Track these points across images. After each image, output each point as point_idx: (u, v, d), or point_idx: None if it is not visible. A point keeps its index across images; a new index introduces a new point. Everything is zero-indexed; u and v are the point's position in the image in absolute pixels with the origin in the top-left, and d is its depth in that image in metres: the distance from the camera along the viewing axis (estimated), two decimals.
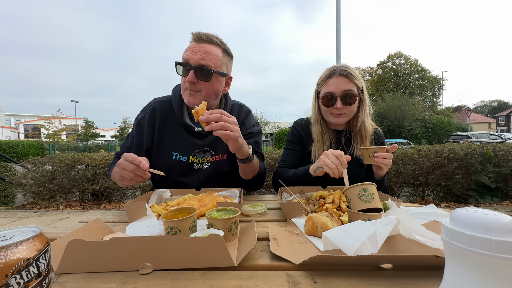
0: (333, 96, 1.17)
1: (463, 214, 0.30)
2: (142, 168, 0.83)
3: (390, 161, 1.01)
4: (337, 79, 1.17)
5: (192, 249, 0.49)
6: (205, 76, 1.06)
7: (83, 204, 4.17)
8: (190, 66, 1.04)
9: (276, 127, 25.49)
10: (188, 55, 1.04)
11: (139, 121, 1.21)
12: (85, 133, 28.41)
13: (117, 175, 0.91)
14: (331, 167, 0.89)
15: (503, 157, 3.71)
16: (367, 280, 0.45)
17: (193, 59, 1.04)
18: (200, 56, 1.04)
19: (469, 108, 44.29)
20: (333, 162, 0.90)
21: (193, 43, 1.07)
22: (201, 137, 1.19)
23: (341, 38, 6.54)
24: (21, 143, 14.40)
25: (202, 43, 1.06)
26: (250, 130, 1.29)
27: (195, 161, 1.20)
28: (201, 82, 1.07)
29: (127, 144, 1.22)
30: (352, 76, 1.16)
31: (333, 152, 0.92)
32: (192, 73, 1.04)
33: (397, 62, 35.69)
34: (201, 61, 1.04)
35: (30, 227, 0.39)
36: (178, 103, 1.18)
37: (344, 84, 1.16)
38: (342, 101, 1.16)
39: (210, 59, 1.05)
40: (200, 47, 1.05)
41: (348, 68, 1.19)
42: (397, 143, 1.13)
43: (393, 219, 0.52)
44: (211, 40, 1.07)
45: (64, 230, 0.74)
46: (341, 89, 1.16)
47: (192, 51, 1.04)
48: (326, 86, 1.20)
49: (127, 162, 0.85)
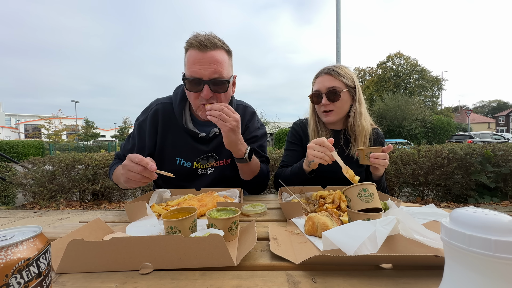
0: (319, 93, 1.23)
1: (463, 214, 0.30)
2: (150, 170, 0.81)
3: (386, 161, 1.02)
4: (323, 77, 1.24)
5: (192, 249, 0.49)
6: (221, 88, 1.03)
7: (84, 204, 4.17)
8: (203, 81, 0.98)
9: (276, 127, 25.50)
10: (198, 71, 0.97)
11: (140, 123, 1.17)
12: (86, 133, 28.40)
13: (122, 177, 0.89)
14: (319, 156, 0.93)
15: (503, 157, 3.71)
16: (367, 280, 0.45)
17: (205, 74, 0.97)
18: (212, 70, 0.98)
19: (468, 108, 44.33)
20: (319, 151, 0.93)
21: (198, 54, 0.97)
22: (205, 142, 1.17)
23: (341, 38, 6.54)
24: (22, 143, 14.40)
25: (207, 51, 0.97)
26: (255, 134, 1.28)
27: (199, 167, 1.18)
28: (216, 95, 1.03)
29: (128, 147, 1.20)
30: (337, 74, 1.21)
31: (315, 141, 0.95)
32: (207, 88, 0.99)
33: (396, 62, 35.68)
34: (214, 75, 0.98)
35: (30, 227, 0.39)
36: (179, 108, 1.14)
37: (328, 81, 1.22)
38: (327, 97, 1.21)
39: (221, 68, 1.00)
40: (208, 58, 0.97)
41: (336, 67, 1.24)
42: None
43: (392, 219, 0.52)
44: (215, 44, 0.99)
45: (65, 230, 0.74)
46: (325, 86, 1.22)
47: (202, 64, 0.97)
48: (315, 85, 1.28)
49: (134, 164, 0.82)
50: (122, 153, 1.21)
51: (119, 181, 1.04)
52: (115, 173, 1.09)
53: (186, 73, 1.02)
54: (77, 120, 38.60)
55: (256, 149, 1.26)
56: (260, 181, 1.23)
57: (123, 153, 1.19)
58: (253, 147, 1.26)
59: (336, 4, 6.53)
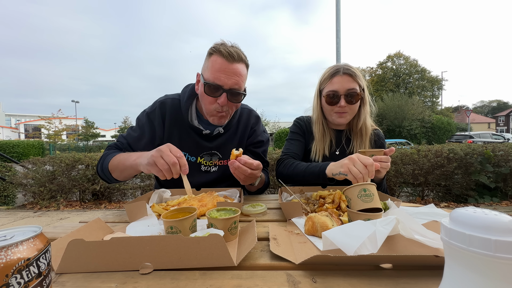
0: (336, 94, 1.17)
1: (463, 214, 0.30)
2: (183, 171, 0.81)
3: (388, 164, 0.96)
4: (341, 77, 1.17)
5: (192, 249, 0.49)
6: (236, 99, 1.09)
7: (84, 204, 4.17)
8: (223, 89, 1.03)
9: (276, 127, 25.51)
10: (222, 79, 1.02)
11: (148, 114, 1.18)
12: (86, 133, 28.40)
13: (143, 159, 0.86)
14: (357, 176, 0.80)
15: (503, 157, 3.71)
16: (367, 280, 0.45)
17: (227, 84, 1.03)
18: (234, 81, 1.03)
19: (468, 108, 44.30)
20: (361, 171, 0.80)
21: (225, 63, 1.02)
22: (209, 139, 1.20)
23: (341, 38, 6.54)
24: (22, 143, 14.39)
25: (234, 63, 1.03)
26: (261, 138, 1.31)
27: (203, 162, 1.21)
28: (230, 104, 1.08)
29: (134, 135, 1.16)
30: (355, 75, 1.17)
31: (362, 160, 0.81)
32: (225, 96, 1.04)
33: (396, 62, 35.68)
34: (235, 86, 1.04)
35: (30, 227, 0.39)
36: (186, 105, 1.17)
37: (348, 82, 1.16)
38: (346, 99, 1.16)
39: (242, 81, 1.06)
40: (233, 70, 1.02)
41: (352, 67, 1.20)
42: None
43: (392, 219, 0.52)
44: (241, 58, 1.05)
45: (65, 230, 0.74)
46: (345, 87, 1.16)
47: (226, 74, 1.02)
48: (330, 85, 1.20)
49: (171, 154, 0.79)
50: (127, 141, 1.15)
51: (117, 168, 1.01)
52: (116, 158, 1.03)
53: (208, 78, 1.04)
54: (77, 120, 38.60)
55: (261, 154, 1.30)
56: (261, 190, 1.27)
57: (128, 141, 1.15)
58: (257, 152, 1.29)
59: (336, 4, 6.53)
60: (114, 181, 1.10)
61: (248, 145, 1.30)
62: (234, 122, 1.25)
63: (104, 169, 1.07)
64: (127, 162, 0.97)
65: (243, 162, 0.91)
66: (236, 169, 0.92)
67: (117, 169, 1.03)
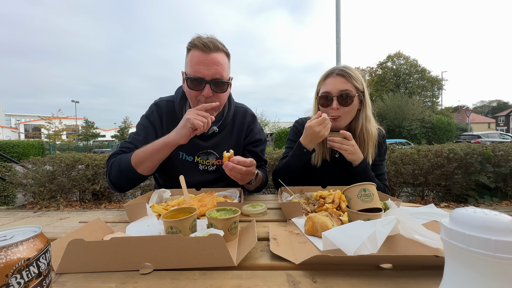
0: (329, 96, 1.15)
1: (463, 214, 0.30)
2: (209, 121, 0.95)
3: (348, 147, 1.08)
4: (334, 78, 1.15)
5: (192, 249, 0.49)
6: (221, 89, 1.08)
7: (84, 204, 4.17)
8: (205, 80, 1.04)
9: (276, 127, 25.50)
10: (201, 71, 1.02)
11: (148, 116, 1.21)
12: (86, 133, 28.39)
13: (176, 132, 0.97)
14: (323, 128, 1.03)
15: (503, 157, 3.71)
16: (367, 280, 0.45)
17: (208, 74, 1.03)
18: (214, 71, 1.03)
19: (468, 108, 44.28)
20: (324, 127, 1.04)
21: (201, 55, 1.03)
22: (204, 139, 1.21)
23: (341, 38, 6.54)
24: (22, 143, 14.40)
25: (210, 53, 1.03)
26: (259, 137, 1.31)
27: (200, 161, 1.21)
28: (216, 94, 1.08)
29: (140, 138, 1.16)
30: (350, 76, 1.13)
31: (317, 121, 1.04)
32: (208, 88, 1.04)
33: (396, 62, 35.67)
34: (216, 75, 1.04)
35: (30, 227, 0.39)
36: (179, 105, 1.19)
37: (340, 84, 1.13)
38: (338, 101, 1.13)
39: (222, 70, 1.06)
40: (211, 59, 1.03)
41: (347, 69, 1.16)
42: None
43: (392, 219, 0.52)
44: (217, 47, 1.05)
45: (65, 230, 0.74)
46: (337, 88, 1.13)
47: (205, 65, 1.02)
48: (323, 86, 1.18)
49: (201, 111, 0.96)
50: (134, 144, 1.14)
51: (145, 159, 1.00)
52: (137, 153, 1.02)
53: (188, 72, 1.06)
54: (77, 120, 38.59)
55: (259, 153, 1.30)
56: (259, 188, 1.27)
57: (135, 145, 1.14)
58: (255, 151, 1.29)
59: (336, 4, 6.53)
60: (134, 181, 1.07)
61: (246, 144, 1.30)
62: (229, 121, 1.24)
63: (123, 170, 1.03)
64: (157, 146, 1.00)
65: (236, 161, 0.93)
66: (231, 170, 0.93)
67: (144, 160, 1.01)
